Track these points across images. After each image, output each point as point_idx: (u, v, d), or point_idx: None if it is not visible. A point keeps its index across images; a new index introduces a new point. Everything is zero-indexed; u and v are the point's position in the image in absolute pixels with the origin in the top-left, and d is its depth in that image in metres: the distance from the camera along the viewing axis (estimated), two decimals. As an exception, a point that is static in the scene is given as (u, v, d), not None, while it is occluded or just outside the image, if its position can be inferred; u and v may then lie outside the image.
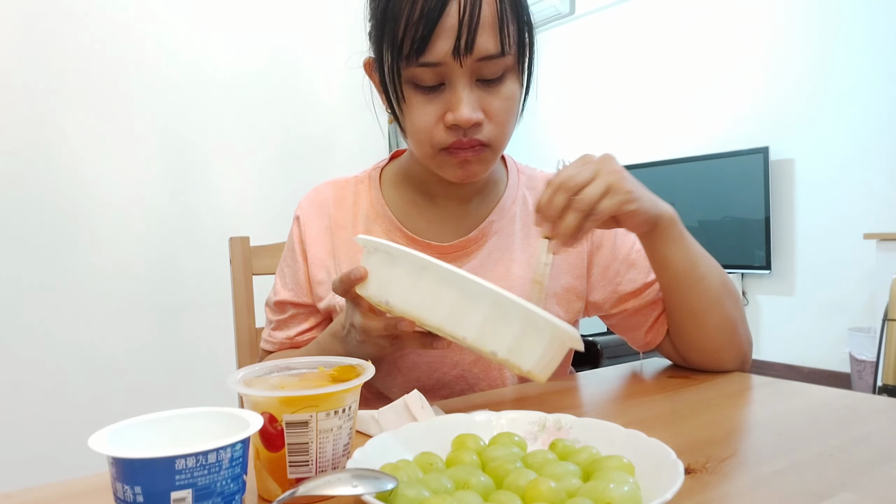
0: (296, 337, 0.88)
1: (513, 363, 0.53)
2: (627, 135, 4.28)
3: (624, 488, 0.40)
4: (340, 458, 0.47)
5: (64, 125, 1.88)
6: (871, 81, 3.16)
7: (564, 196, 0.64)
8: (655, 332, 0.85)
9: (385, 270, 0.57)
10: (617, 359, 2.41)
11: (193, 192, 2.13)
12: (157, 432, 0.41)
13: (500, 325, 0.52)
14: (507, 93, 0.72)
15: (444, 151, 0.73)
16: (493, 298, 0.52)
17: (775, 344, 3.60)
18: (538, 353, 0.53)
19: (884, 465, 0.50)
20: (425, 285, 0.54)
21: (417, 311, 0.55)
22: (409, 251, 0.55)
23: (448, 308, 0.53)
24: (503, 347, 0.53)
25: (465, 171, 0.75)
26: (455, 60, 0.67)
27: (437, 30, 0.66)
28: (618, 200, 0.65)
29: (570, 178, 0.65)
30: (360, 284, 0.60)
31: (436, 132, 0.72)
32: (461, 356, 0.82)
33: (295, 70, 2.35)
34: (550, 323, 0.52)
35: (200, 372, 2.07)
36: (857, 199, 3.23)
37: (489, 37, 0.68)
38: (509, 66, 0.71)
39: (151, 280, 2.04)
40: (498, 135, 0.73)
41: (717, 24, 3.78)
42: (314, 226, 0.87)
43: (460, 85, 0.69)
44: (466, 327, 0.53)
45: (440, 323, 0.54)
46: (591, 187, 0.65)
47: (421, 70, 0.69)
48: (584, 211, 0.64)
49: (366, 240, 0.59)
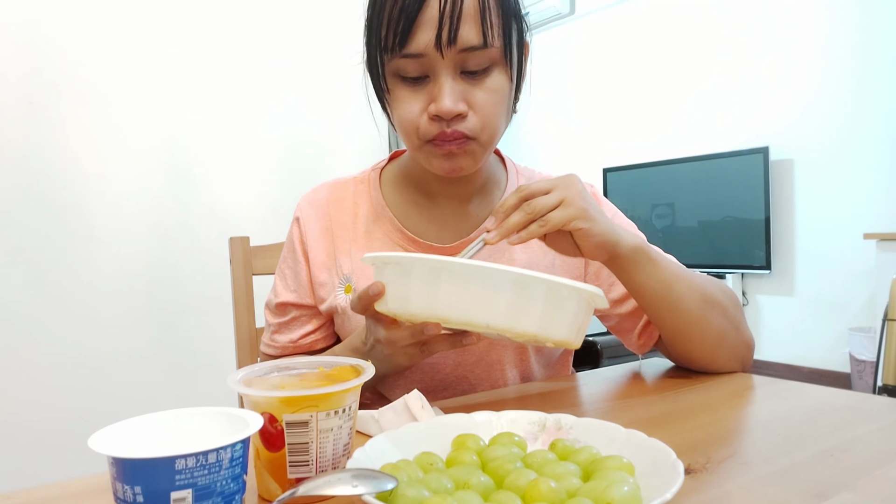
0: (299, 340, 0.87)
1: (545, 336, 0.54)
2: (627, 135, 4.28)
3: (624, 488, 0.40)
4: (340, 458, 0.47)
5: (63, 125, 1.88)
6: (871, 81, 3.16)
7: (516, 197, 0.66)
8: (648, 335, 0.85)
9: (401, 281, 0.57)
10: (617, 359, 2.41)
11: (193, 192, 2.13)
12: (157, 432, 0.41)
13: (527, 303, 0.53)
14: (492, 85, 0.72)
15: (429, 143, 0.73)
16: (514, 279, 0.52)
17: (775, 344, 3.60)
18: (568, 320, 0.54)
19: (884, 465, 0.50)
20: (444, 286, 0.54)
21: (444, 312, 0.55)
22: (419, 257, 0.55)
23: (472, 301, 0.54)
24: (534, 324, 0.54)
25: (451, 163, 0.74)
26: (437, 52, 0.68)
27: (417, 21, 0.67)
28: (568, 214, 0.66)
29: (528, 187, 0.67)
30: (378, 302, 0.60)
31: (420, 124, 0.72)
32: (463, 357, 0.82)
33: (295, 70, 2.35)
34: (575, 288, 0.53)
35: (200, 372, 2.07)
36: (857, 199, 3.23)
37: (471, 28, 0.68)
38: (495, 58, 0.71)
39: (151, 280, 2.04)
40: (483, 128, 0.73)
41: (717, 23, 3.78)
42: (314, 227, 0.87)
43: (443, 76, 0.69)
44: (495, 315, 0.53)
45: (469, 317, 0.55)
46: (546, 197, 0.66)
47: (404, 62, 0.70)
48: (531, 214, 0.65)
49: (374, 257, 0.59)
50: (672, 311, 0.76)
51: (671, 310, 0.75)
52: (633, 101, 4.25)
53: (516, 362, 0.85)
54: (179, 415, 0.42)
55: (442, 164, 0.75)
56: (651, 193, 3.99)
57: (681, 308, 0.75)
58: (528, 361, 0.86)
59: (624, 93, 4.31)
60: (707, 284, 0.78)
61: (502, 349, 0.83)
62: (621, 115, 4.33)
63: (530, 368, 0.87)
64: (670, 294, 0.74)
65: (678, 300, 0.75)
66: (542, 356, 0.88)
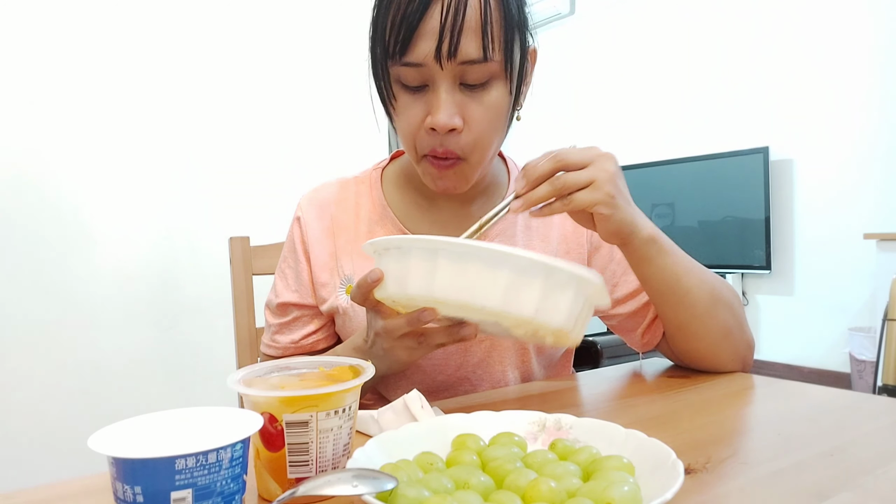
0: (300, 341, 0.87)
1: (542, 321, 0.53)
2: (628, 135, 4.28)
3: (624, 488, 0.40)
4: (340, 458, 0.47)
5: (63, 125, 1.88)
6: (870, 81, 3.16)
7: (551, 167, 0.65)
8: (652, 333, 0.85)
9: (400, 264, 0.57)
10: (617, 359, 2.41)
11: (193, 192, 2.13)
12: (157, 432, 0.41)
13: (524, 285, 0.52)
14: (490, 100, 0.71)
15: (424, 159, 0.74)
16: (512, 260, 0.52)
17: (775, 344, 3.60)
18: (566, 306, 0.53)
19: (884, 465, 0.50)
20: (442, 266, 0.54)
21: (441, 293, 0.54)
22: (418, 238, 0.55)
23: (469, 281, 0.53)
24: (531, 308, 0.52)
25: (443, 182, 0.76)
26: (436, 63, 0.67)
27: (418, 31, 0.67)
28: (594, 198, 0.65)
29: (566, 155, 0.65)
30: (378, 287, 0.59)
31: (419, 135, 0.72)
32: (465, 358, 0.82)
33: (295, 69, 2.36)
34: (573, 274, 0.52)
35: (200, 372, 2.07)
36: (857, 199, 3.23)
37: (471, 41, 0.67)
38: (494, 72, 0.70)
39: (151, 280, 2.04)
40: (475, 147, 0.72)
41: (717, 23, 3.77)
42: (315, 226, 0.86)
43: (442, 88, 0.69)
44: (491, 297, 0.53)
45: (466, 298, 0.54)
46: (578, 173, 0.65)
47: (405, 70, 0.69)
48: (559, 189, 0.65)
49: (373, 242, 0.59)
50: (680, 303, 0.76)
51: (679, 302, 0.76)
52: (633, 101, 4.25)
53: (518, 363, 0.85)
54: (179, 415, 0.42)
55: (435, 183, 0.76)
56: (651, 193, 3.98)
57: (688, 301, 0.76)
58: (529, 363, 0.86)
59: (624, 93, 4.31)
60: (715, 281, 0.79)
61: (504, 350, 0.83)
62: (621, 115, 4.33)
63: (531, 369, 0.86)
64: (678, 285, 0.75)
65: (686, 293, 0.75)
66: (543, 357, 0.88)
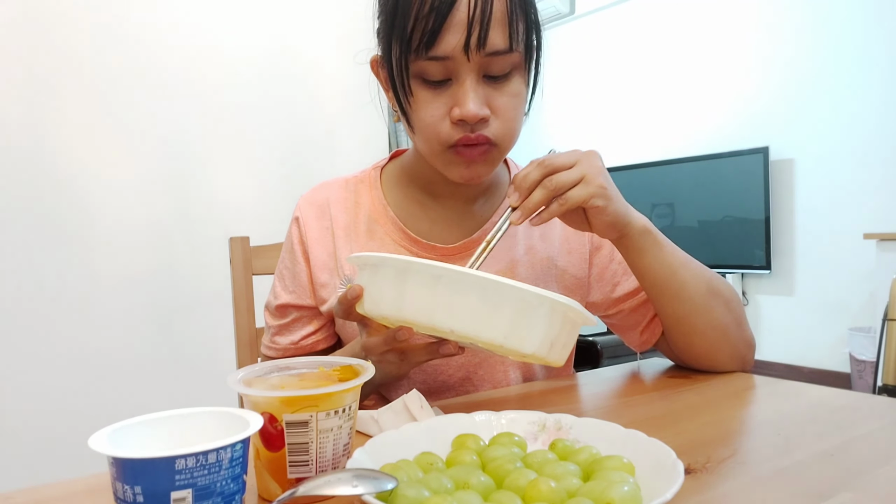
0: (300, 342, 0.87)
1: (512, 348, 0.52)
2: (627, 135, 4.28)
3: (624, 488, 0.40)
4: (340, 458, 0.47)
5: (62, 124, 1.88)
6: (870, 81, 3.16)
7: (540, 173, 0.66)
8: (650, 332, 0.85)
9: (375, 282, 0.56)
10: (617, 359, 2.41)
11: (193, 192, 2.13)
12: (157, 432, 0.41)
13: (492, 310, 0.51)
14: (513, 90, 0.72)
15: (450, 150, 0.73)
16: (479, 283, 0.50)
17: (775, 344, 3.60)
18: (539, 333, 0.51)
19: (884, 465, 0.50)
20: (411, 287, 0.53)
21: (410, 315, 0.54)
22: (390, 257, 0.54)
23: (436, 303, 0.52)
24: (499, 334, 0.51)
25: (470, 171, 0.74)
26: (464, 55, 0.67)
27: (447, 23, 0.67)
28: (588, 191, 0.66)
29: (552, 159, 0.67)
30: (358, 303, 0.59)
31: (442, 128, 0.71)
32: (466, 359, 0.82)
33: (295, 69, 2.35)
34: (546, 297, 0.50)
35: (200, 372, 2.07)
36: (857, 199, 3.23)
37: (498, 32, 0.68)
38: (516, 63, 0.71)
39: (151, 280, 2.03)
40: (505, 132, 0.73)
41: (717, 23, 3.78)
42: (315, 227, 0.86)
43: (468, 80, 0.69)
44: (459, 320, 0.51)
45: (433, 321, 0.52)
46: (567, 172, 0.67)
47: (429, 64, 0.69)
48: (553, 191, 0.66)
49: (354, 258, 0.59)
50: (676, 297, 0.76)
51: (675, 296, 0.76)
52: (633, 100, 4.25)
53: (520, 363, 0.85)
54: (179, 415, 0.42)
55: (461, 172, 0.74)
56: (651, 193, 3.98)
57: (684, 295, 0.76)
58: (531, 363, 0.86)
59: (624, 92, 4.31)
60: (712, 276, 0.79)
61: (505, 351, 0.83)
62: (621, 114, 4.33)
63: (533, 370, 0.87)
64: (673, 279, 0.75)
65: (681, 287, 0.75)
66: None
